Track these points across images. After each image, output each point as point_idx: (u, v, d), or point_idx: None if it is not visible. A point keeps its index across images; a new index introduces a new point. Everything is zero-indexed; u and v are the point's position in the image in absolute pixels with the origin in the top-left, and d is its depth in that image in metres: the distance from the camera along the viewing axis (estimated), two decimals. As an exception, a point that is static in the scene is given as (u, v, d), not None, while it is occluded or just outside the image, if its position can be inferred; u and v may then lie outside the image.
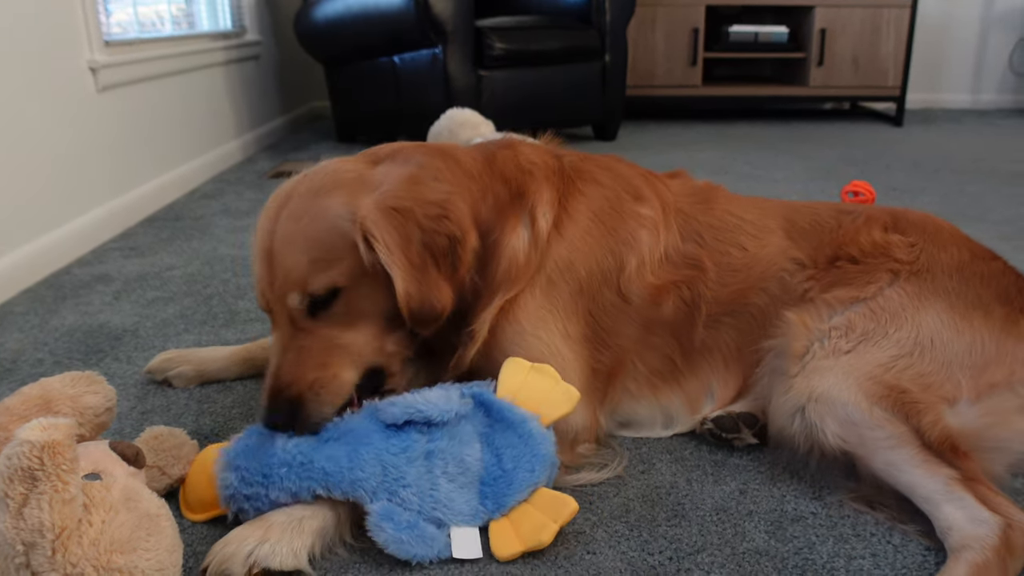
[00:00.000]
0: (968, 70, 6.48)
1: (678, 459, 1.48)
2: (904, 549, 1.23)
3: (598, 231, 1.49)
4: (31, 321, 2.16)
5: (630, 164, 1.66)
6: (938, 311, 1.39)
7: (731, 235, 1.56)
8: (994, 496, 1.20)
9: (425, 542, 1.18)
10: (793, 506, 1.34)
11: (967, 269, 1.45)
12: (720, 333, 1.54)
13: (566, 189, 1.50)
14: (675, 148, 4.65)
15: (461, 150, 1.49)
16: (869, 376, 1.31)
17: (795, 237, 1.57)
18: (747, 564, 1.20)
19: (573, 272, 1.45)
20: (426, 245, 1.28)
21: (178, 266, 2.61)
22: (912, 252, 1.48)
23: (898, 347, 1.35)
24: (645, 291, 1.49)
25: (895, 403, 1.28)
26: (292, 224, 1.28)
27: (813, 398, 1.33)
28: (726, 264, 1.54)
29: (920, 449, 1.25)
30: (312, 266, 1.26)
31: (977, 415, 1.31)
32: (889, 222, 1.55)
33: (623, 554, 1.22)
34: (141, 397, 1.73)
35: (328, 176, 1.33)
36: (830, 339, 1.39)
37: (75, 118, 2.75)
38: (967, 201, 3.38)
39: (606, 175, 1.57)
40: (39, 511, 0.97)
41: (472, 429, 1.28)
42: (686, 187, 1.65)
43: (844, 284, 1.47)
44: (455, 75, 4.01)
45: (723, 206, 1.61)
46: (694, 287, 1.52)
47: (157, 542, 1.08)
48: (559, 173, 1.52)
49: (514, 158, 1.50)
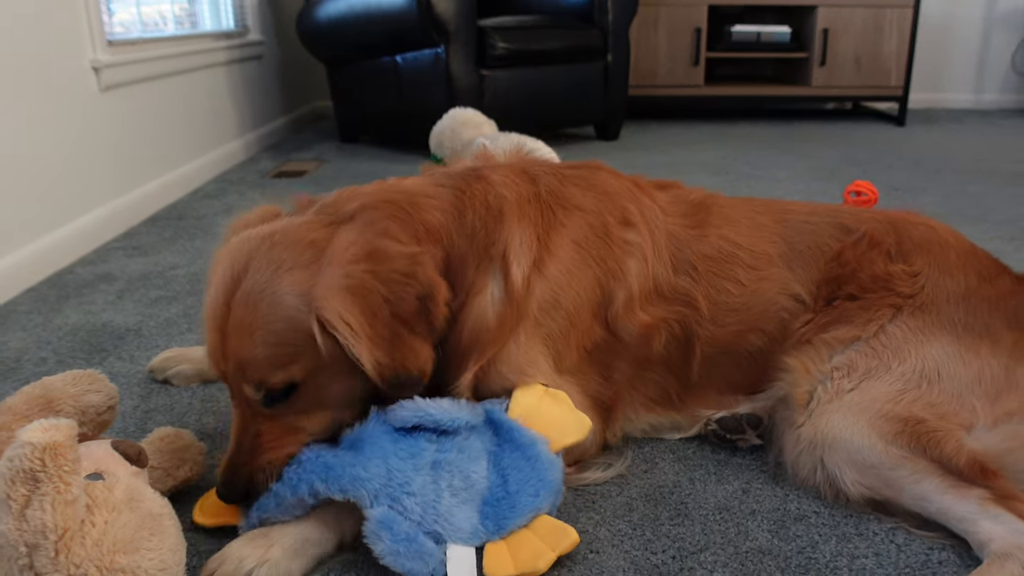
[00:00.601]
0: (971, 70, 6.47)
1: (681, 458, 1.47)
2: (907, 548, 1.23)
3: (583, 262, 1.41)
4: (34, 320, 2.16)
5: (615, 175, 1.55)
6: (943, 344, 1.36)
7: (727, 267, 1.49)
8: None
9: (422, 558, 1.13)
10: (796, 505, 1.34)
11: (973, 296, 1.41)
12: (717, 369, 1.50)
13: (545, 223, 1.40)
14: (677, 148, 4.64)
15: (426, 196, 1.36)
16: (879, 413, 1.28)
17: (794, 265, 1.50)
18: (750, 563, 1.20)
19: (559, 308, 1.38)
20: (395, 314, 1.20)
21: (181, 265, 2.61)
22: (915, 284, 1.43)
23: (903, 381, 1.32)
24: (635, 328, 1.42)
25: (911, 436, 1.25)
26: (247, 312, 1.18)
27: (826, 446, 1.30)
28: (723, 303, 1.47)
29: (945, 476, 1.22)
30: (268, 362, 1.18)
31: (997, 440, 1.28)
32: (893, 246, 1.48)
33: (626, 553, 1.22)
34: (144, 396, 1.73)
35: (285, 248, 1.22)
36: (832, 380, 1.36)
37: (78, 118, 2.75)
38: (969, 201, 3.38)
39: (589, 197, 1.47)
40: (41, 512, 0.97)
41: (480, 445, 1.25)
42: (679, 203, 1.55)
43: (844, 322, 1.43)
44: (457, 75, 4.01)
45: (717, 229, 1.51)
46: (687, 325, 1.46)
47: (160, 542, 1.08)
48: (536, 202, 1.41)
49: (483, 196, 1.38)
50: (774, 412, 1.46)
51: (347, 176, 3.91)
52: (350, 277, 1.18)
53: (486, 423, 1.28)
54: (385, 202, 1.32)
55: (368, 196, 1.34)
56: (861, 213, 1.57)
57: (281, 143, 4.84)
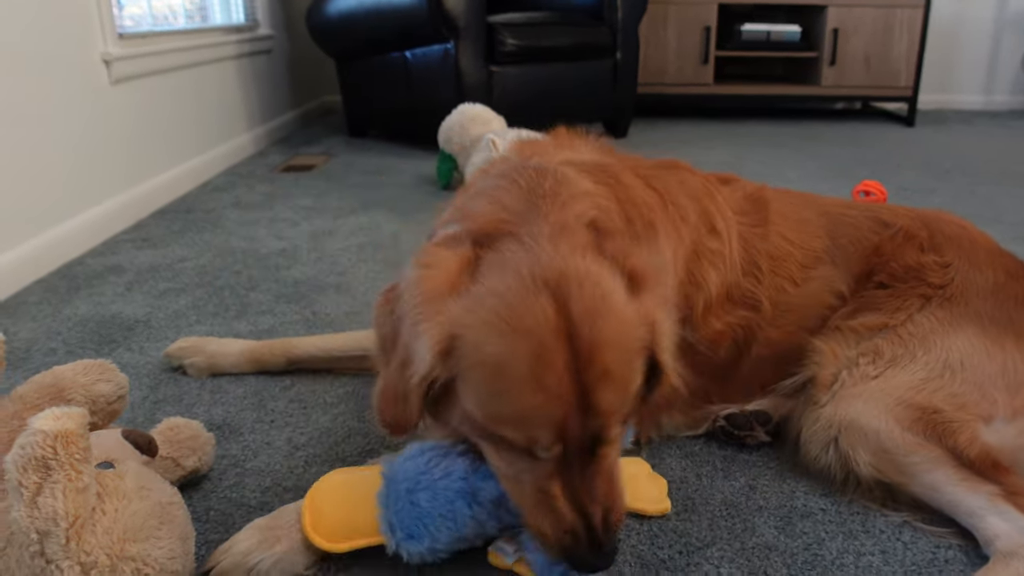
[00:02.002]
0: (981, 71, 6.45)
1: (688, 455, 1.47)
2: (914, 546, 1.23)
3: (683, 279, 1.37)
4: (44, 311, 2.17)
5: (693, 173, 1.50)
6: (969, 336, 1.36)
7: (784, 266, 1.49)
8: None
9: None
10: (803, 502, 1.34)
11: (1002, 292, 1.42)
12: (760, 370, 1.50)
13: (677, 239, 1.35)
14: (686, 146, 4.64)
15: (645, 204, 1.29)
16: (899, 400, 1.29)
17: (837, 261, 1.51)
18: (756, 559, 1.20)
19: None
20: None
21: (190, 258, 2.62)
22: (946, 275, 1.44)
23: (927, 370, 1.33)
24: (707, 336, 1.41)
25: (927, 425, 1.25)
26: (611, 327, 0.96)
27: (843, 427, 1.31)
28: (781, 303, 1.47)
29: (957, 468, 1.23)
30: (625, 399, 1.00)
31: (1015, 433, 1.28)
32: (926, 239, 1.50)
33: (632, 547, 1.22)
34: (153, 387, 1.74)
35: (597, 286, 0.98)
36: (858, 366, 1.37)
37: (88, 110, 2.76)
38: (979, 202, 3.36)
39: (691, 207, 1.41)
40: (53, 500, 0.98)
41: None
42: (741, 199, 1.51)
43: (872, 310, 1.44)
44: (466, 71, 4.01)
45: (776, 227, 1.50)
46: (749, 329, 1.46)
47: (170, 531, 1.09)
48: (665, 212, 1.34)
49: (635, 208, 1.28)
50: (788, 403, 1.47)
51: (356, 171, 3.92)
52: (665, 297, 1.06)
53: None
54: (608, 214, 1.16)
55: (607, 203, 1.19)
56: (896, 209, 1.59)
57: (290, 137, 4.85)
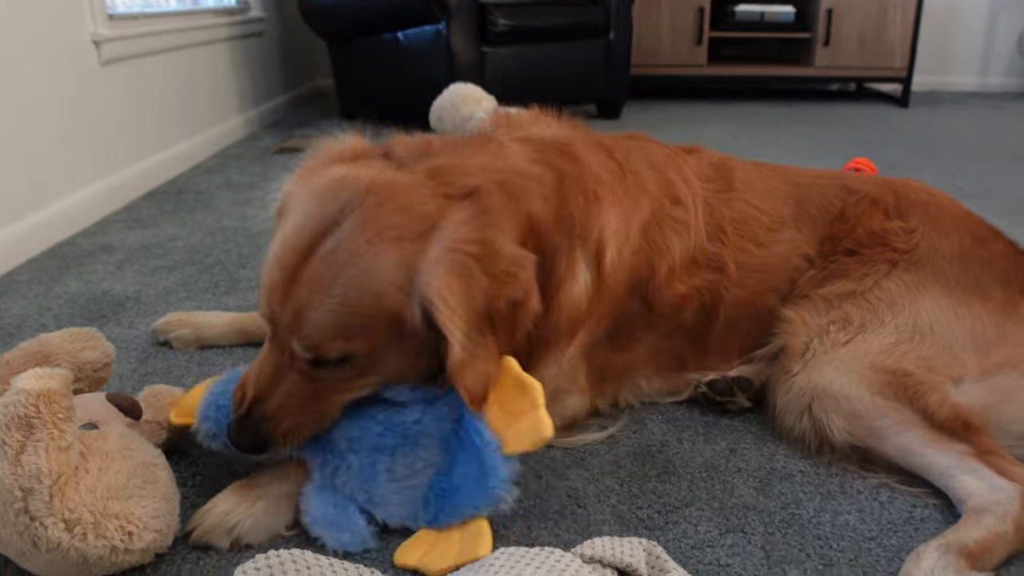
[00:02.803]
0: (976, 53, 6.45)
1: (670, 419, 1.49)
2: (890, 505, 1.24)
3: (641, 246, 1.40)
4: (35, 289, 2.18)
5: (658, 145, 1.55)
6: (936, 298, 1.38)
7: (750, 229, 1.52)
8: (1011, 466, 1.20)
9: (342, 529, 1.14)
10: (782, 464, 1.35)
11: (967, 255, 1.44)
12: (733, 332, 1.52)
13: (630, 207, 1.38)
14: (679, 127, 4.64)
15: (530, 178, 1.27)
16: (869, 365, 1.31)
17: (803, 227, 1.53)
18: (734, 518, 1.22)
19: (609, 282, 1.36)
20: (488, 310, 1.12)
21: (181, 237, 2.62)
22: (911, 240, 1.46)
23: (896, 334, 1.35)
24: (672, 300, 1.44)
25: (898, 388, 1.27)
26: (332, 269, 1.09)
27: (816, 395, 1.33)
28: (746, 264, 1.50)
29: (929, 429, 1.25)
30: (333, 329, 1.09)
31: (984, 393, 1.30)
32: (892, 204, 1.52)
33: (612, 508, 1.24)
34: (142, 360, 1.75)
35: (394, 212, 1.11)
36: (828, 334, 1.38)
37: (78, 91, 2.76)
38: (968, 180, 3.38)
39: (652, 178, 1.45)
40: (36, 458, 0.99)
41: (436, 433, 1.20)
42: (706, 167, 1.56)
43: (841, 277, 1.46)
44: (458, 51, 4.01)
45: (740, 193, 1.54)
46: (715, 291, 1.48)
47: (153, 490, 1.10)
48: (623, 184, 1.39)
49: (581, 181, 1.33)
50: (768, 370, 1.48)
51: (348, 152, 3.92)
52: (458, 259, 1.10)
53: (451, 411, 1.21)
54: (499, 185, 1.21)
55: (483, 175, 1.22)
56: (864, 177, 1.63)
57: (282, 120, 4.84)
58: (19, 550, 1.01)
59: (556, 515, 1.22)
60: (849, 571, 1.11)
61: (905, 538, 1.18)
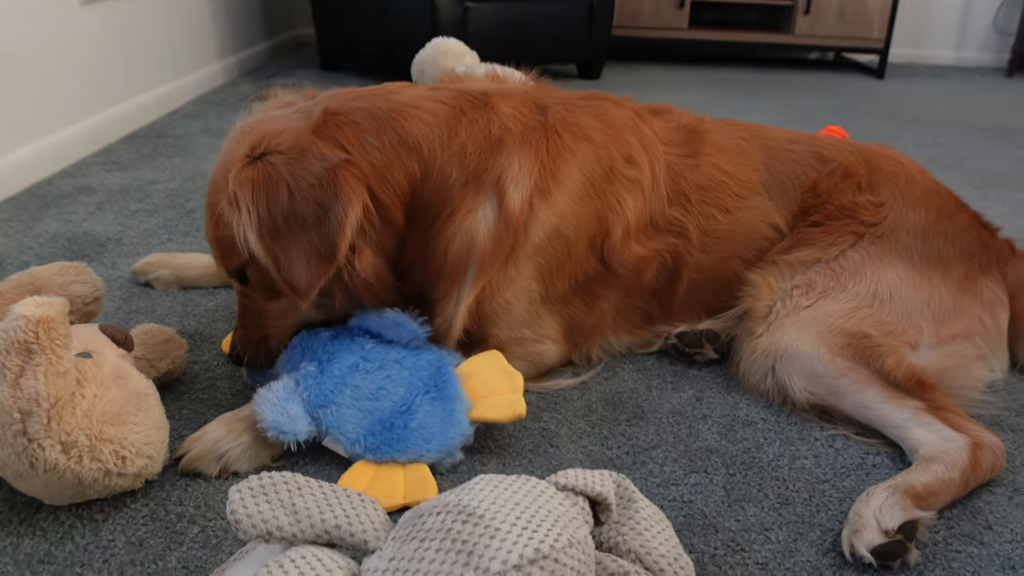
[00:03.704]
0: (953, 27, 6.50)
1: (641, 369, 1.56)
2: (845, 452, 1.32)
3: (586, 194, 1.42)
4: (15, 227, 2.19)
5: (619, 104, 1.57)
6: (898, 270, 1.44)
7: (716, 195, 1.54)
8: (962, 420, 1.28)
9: (282, 413, 1.19)
10: (745, 412, 1.42)
11: (932, 229, 1.49)
12: (698, 293, 1.57)
13: (552, 150, 1.40)
14: (659, 89, 4.67)
15: (416, 108, 1.35)
16: (830, 328, 1.37)
17: (774, 195, 1.56)
18: (698, 460, 1.29)
19: (562, 238, 1.41)
20: (293, 212, 1.19)
21: (160, 181, 2.63)
22: (879, 214, 1.50)
23: (857, 299, 1.41)
24: (629, 261, 1.48)
25: (856, 350, 1.33)
26: (210, 195, 1.31)
27: (779, 356, 1.39)
28: (711, 230, 1.53)
29: (885, 386, 1.32)
30: (221, 250, 1.32)
31: (938, 357, 1.37)
32: (863, 177, 1.55)
33: (584, 448, 1.30)
34: (126, 299, 1.78)
35: (250, 136, 1.27)
36: (792, 297, 1.44)
37: (58, 30, 2.73)
38: (939, 152, 3.45)
39: (598, 128, 1.48)
40: (35, 381, 1.03)
41: (408, 376, 1.28)
42: (674, 130, 1.58)
43: (807, 245, 1.51)
44: (441, 5, 4.00)
45: (709, 158, 1.56)
46: (677, 255, 1.52)
47: (146, 418, 1.15)
48: (542, 131, 1.41)
49: (485, 124, 1.37)
50: (735, 328, 1.54)
51: (328, 103, 3.91)
52: (261, 161, 1.21)
53: (433, 363, 1.31)
54: (369, 113, 1.31)
55: (343, 97, 1.35)
56: (838, 143, 1.64)
57: (261, 68, 4.80)
58: (16, 471, 1.06)
59: (530, 453, 1.29)
60: (804, 509, 1.19)
61: (857, 481, 1.25)
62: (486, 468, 1.25)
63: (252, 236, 1.20)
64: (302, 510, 0.91)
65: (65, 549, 1.07)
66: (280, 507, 0.92)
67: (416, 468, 1.20)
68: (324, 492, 0.96)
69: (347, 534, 0.87)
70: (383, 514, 0.95)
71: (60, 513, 1.13)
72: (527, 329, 1.43)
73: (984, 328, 1.41)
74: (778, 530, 1.14)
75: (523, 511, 0.85)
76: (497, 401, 1.27)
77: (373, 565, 0.82)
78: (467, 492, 0.89)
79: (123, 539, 1.09)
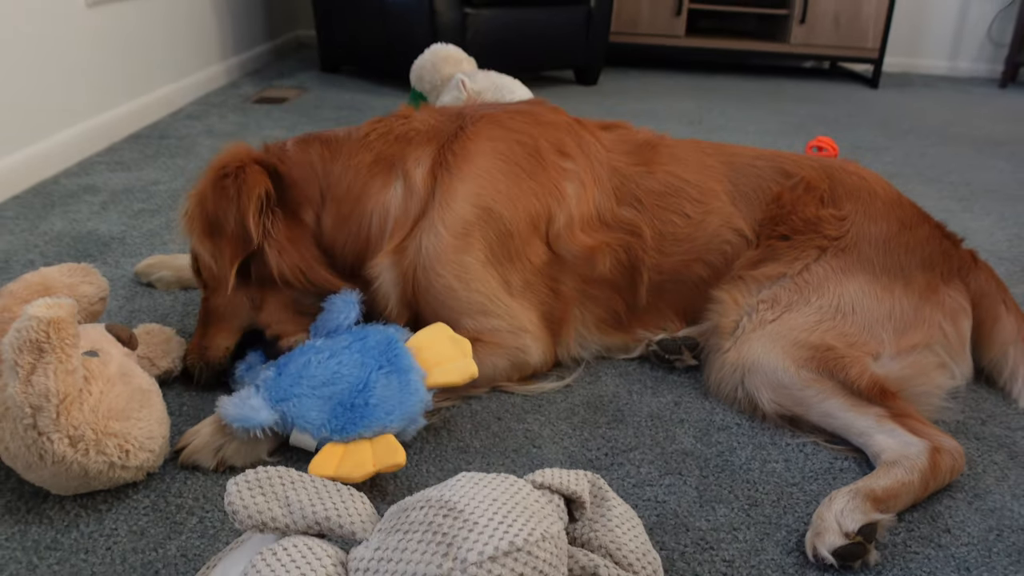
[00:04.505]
0: (947, 37, 6.57)
1: (623, 374, 1.62)
2: (814, 457, 1.39)
3: (509, 170, 1.52)
4: (21, 225, 2.25)
5: (555, 110, 1.67)
6: (860, 283, 1.49)
7: (673, 200, 1.60)
8: (923, 426, 1.34)
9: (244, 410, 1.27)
10: (720, 417, 1.49)
11: (894, 241, 1.54)
12: (664, 295, 1.63)
13: (459, 137, 1.55)
14: (654, 96, 4.73)
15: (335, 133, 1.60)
16: (794, 341, 1.43)
17: (738, 203, 1.62)
18: (673, 461, 1.35)
19: (494, 215, 1.49)
20: (216, 208, 1.43)
21: (163, 181, 2.69)
22: (842, 228, 1.56)
23: (820, 312, 1.46)
24: (577, 249, 1.54)
25: (820, 362, 1.39)
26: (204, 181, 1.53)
27: (746, 369, 1.45)
28: (669, 233, 1.59)
29: (849, 396, 1.38)
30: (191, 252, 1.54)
31: (899, 367, 1.43)
32: (826, 191, 1.61)
33: (565, 449, 1.37)
34: (129, 298, 1.84)
35: None
36: (757, 312, 1.50)
37: (64, 31, 2.80)
38: (927, 163, 3.52)
39: (518, 120, 1.60)
40: (45, 379, 1.09)
41: (359, 357, 1.34)
42: (625, 143, 1.66)
43: (773, 260, 1.57)
44: (441, 11, 4.06)
45: (665, 166, 1.62)
46: (632, 252, 1.58)
47: (149, 414, 1.21)
48: (452, 129, 1.57)
49: (392, 125, 1.59)
50: (709, 338, 1.60)
51: (328, 105, 3.98)
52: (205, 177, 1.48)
53: (382, 342, 1.38)
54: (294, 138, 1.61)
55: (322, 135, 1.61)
56: (801, 159, 1.69)
57: (263, 69, 4.87)
58: (26, 462, 1.12)
59: (513, 453, 1.35)
60: (771, 511, 1.25)
61: (824, 485, 1.32)
62: (471, 466, 1.31)
63: (196, 235, 1.47)
64: (295, 502, 0.98)
65: (71, 537, 1.13)
66: (274, 499, 0.98)
67: (382, 438, 1.27)
68: (316, 486, 1.02)
69: (336, 525, 0.94)
70: (370, 507, 1.02)
71: (66, 503, 1.19)
72: (496, 319, 1.49)
73: (945, 337, 1.47)
74: (746, 530, 1.21)
75: (500, 507, 0.91)
76: (449, 367, 1.35)
77: (360, 554, 0.88)
78: (449, 488, 0.95)
79: (125, 528, 1.15)
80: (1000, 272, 1.93)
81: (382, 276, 1.50)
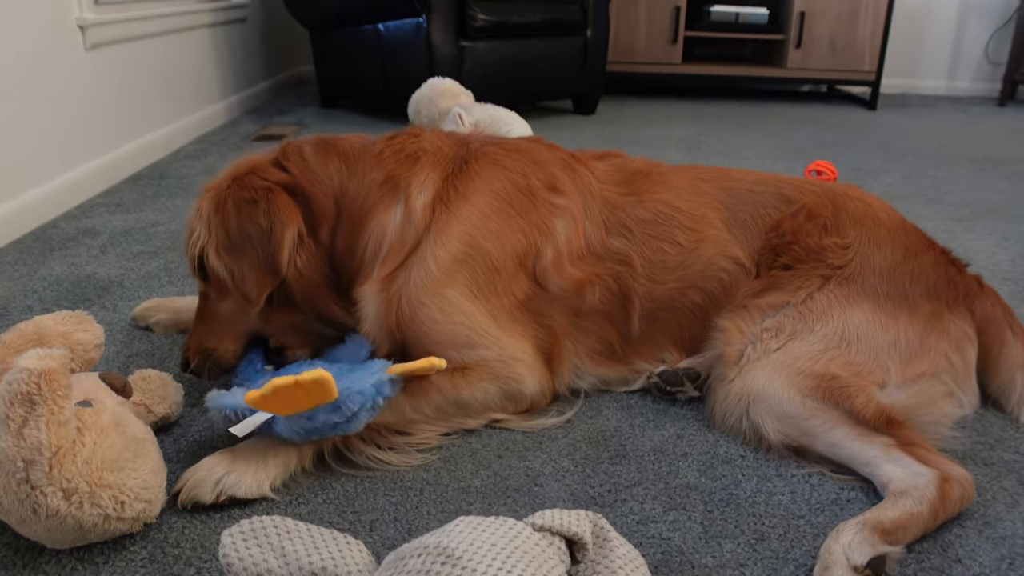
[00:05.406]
0: (945, 57, 6.60)
1: (624, 407, 1.60)
2: (820, 488, 1.36)
3: (501, 210, 1.54)
4: (20, 271, 2.25)
5: (552, 147, 1.69)
6: (864, 311, 1.48)
7: (664, 229, 1.59)
8: (931, 455, 1.31)
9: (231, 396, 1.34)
10: (724, 449, 1.47)
11: (898, 268, 1.53)
12: (658, 324, 1.61)
13: (462, 172, 1.58)
14: (652, 124, 4.75)
15: (356, 137, 1.66)
16: (799, 371, 1.41)
17: (735, 230, 1.61)
18: (678, 497, 1.33)
19: (482, 252, 1.50)
20: (241, 229, 1.48)
21: (162, 222, 2.70)
22: (845, 256, 1.54)
23: (825, 341, 1.45)
24: (566, 283, 1.54)
25: (826, 391, 1.37)
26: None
27: (751, 399, 1.43)
28: (659, 261, 1.58)
29: (855, 425, 1.36)
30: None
31: (905, 396, 1.41)
32: (830, 219, 1.59)
33: (567, 486, 1.35)
34: (127, 342, 1.83)
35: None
36: (762, 341, 1.49)
37: (63, 75, 2.82)
38: (927, 184, 3.51)
39: (515, 159, 1.61)
40: (37, 431, 1.08)
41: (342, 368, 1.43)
42: (618, 172, 1.66)
43: (776, 289, 1.55)
44: (438, 44, 4.09)
45: (656, 195, 1.62)
46: (622, 280, 1.57)
47: (144, 463, 1.19)
48: (457, 157, 1.60)
49: (404, 143, 1.62)
50: (712, 368, 1.58)
51: (327, 142, 3.99)
52: (221, 186, 1.53)
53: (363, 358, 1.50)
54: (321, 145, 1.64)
55: (316, 143, 1.65)
56: (803, 184, 1.68)
57: (262, 107, 4.90)
58: (20, 517, 1.10)
59: (515, 492, 1.33)
60: (779, 545, 1.23)
61: (831, 517, 1.29)
62: (472, 507, 1.29)
63: (212, 248, 1.50)
64: (291, 553, 0.96)
65: (66, 591, 1.12)
66: (270, 550, 0.97)
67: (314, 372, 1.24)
68: (312, 535, 1.00)
69: (333, 575, 0.92)
70: (368, 555, 1.00)
71: (62, 556, 1.17)
72: (484, 350, 1.48)
73: (951, 365, 1.45)
74: (753, 565, 1.19)
75: (499, 552, 0.90)
76: (416, 363, 1.37)
77: (356, 606, 0.86)
78: (446, 534, 0.93)
79: (121, 581, 1.13)
80: (1003, 293, 1.92)
81: (366, 302, 1.53)
